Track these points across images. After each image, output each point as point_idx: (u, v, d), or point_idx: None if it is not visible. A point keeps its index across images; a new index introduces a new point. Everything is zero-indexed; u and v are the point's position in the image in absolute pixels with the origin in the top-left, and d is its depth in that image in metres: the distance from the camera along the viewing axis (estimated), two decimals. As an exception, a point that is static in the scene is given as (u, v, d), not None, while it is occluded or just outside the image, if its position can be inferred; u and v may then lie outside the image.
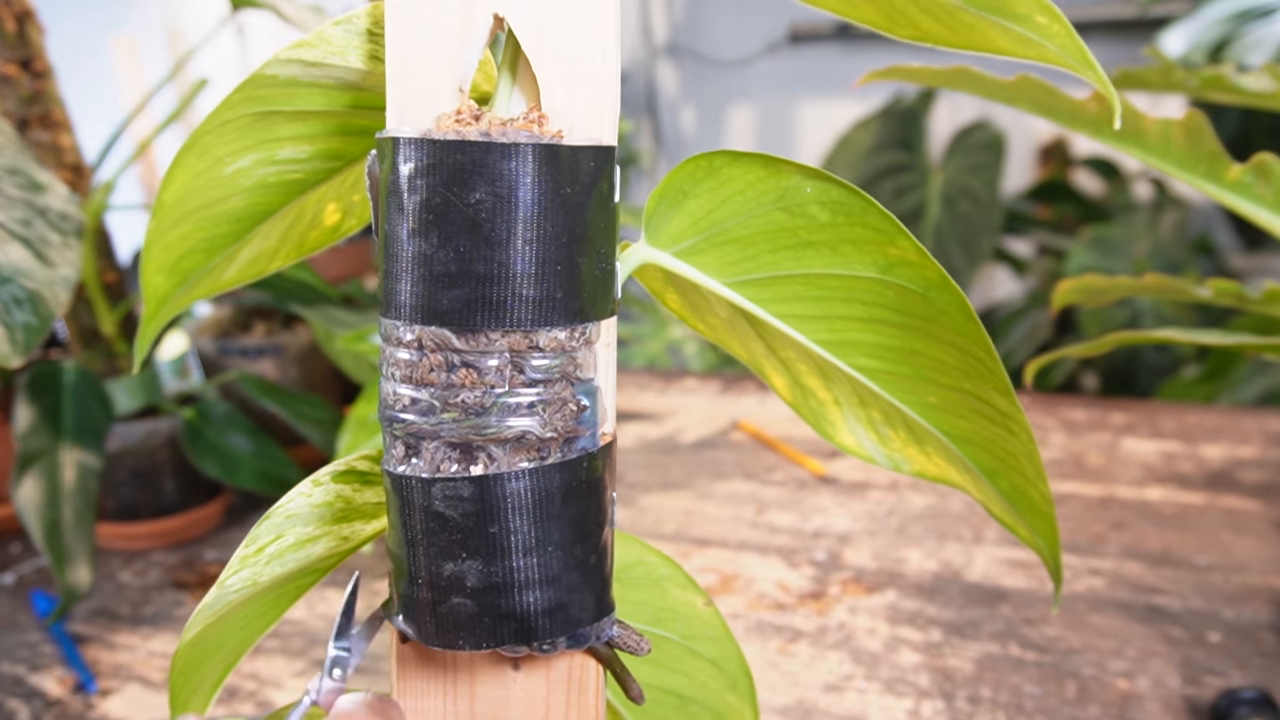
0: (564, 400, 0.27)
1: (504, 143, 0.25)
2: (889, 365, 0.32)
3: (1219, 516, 0.77)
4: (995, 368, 0.29)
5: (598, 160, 0.26)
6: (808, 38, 2.33)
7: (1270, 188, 0.54)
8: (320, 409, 0.81)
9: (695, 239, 0.31)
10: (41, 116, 0.70)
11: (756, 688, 0.58)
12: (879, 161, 1.77)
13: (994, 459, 0.33)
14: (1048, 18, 0.27)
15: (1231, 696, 0.52)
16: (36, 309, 0.50)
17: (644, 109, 2.55)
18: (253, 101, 0.32)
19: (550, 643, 0.28)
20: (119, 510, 0.77)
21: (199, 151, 0.33)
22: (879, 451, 0.35)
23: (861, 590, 0.68)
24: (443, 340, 0.26)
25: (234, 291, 0.87)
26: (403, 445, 0.27)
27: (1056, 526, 0.33)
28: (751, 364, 0.36)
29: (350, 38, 0.29)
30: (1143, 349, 1.62)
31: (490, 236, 0.25)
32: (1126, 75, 0.61)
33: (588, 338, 0.27)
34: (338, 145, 0.34)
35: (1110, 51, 2.06)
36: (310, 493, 0.31)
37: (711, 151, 0.29)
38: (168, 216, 0.35)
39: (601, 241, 0.27)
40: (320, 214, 0.37)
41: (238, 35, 1.72)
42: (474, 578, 0.27)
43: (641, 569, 0.35)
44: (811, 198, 0.29)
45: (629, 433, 1.00)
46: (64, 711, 0.58)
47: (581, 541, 0.28)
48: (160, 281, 0.38)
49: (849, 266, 0.30)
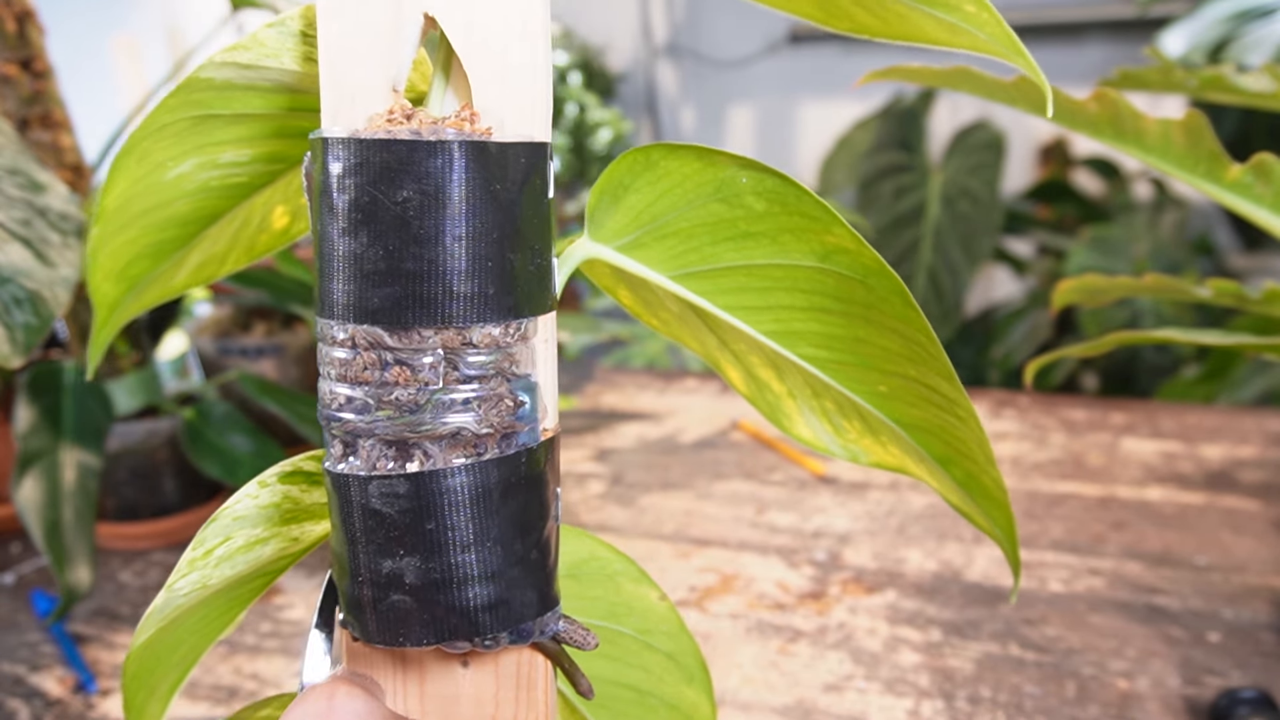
0: (500, 396, 0.27)
1: (430, 140, 0.25)
2: (836, 354, 0.32)
3: (1219, 516, 0.77)
4: (937, 353, 0.30)
5: (529, 157, 0.27)
6: (808, 38, 2.33)
7: (1270, 188, 0.54)
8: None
9: (637, 233, 0.31)
10: (41, 116, 0.70)
11: (757, 688, 0.58)
12: (879, 161, 1.77)
13: (946, 446, 0.33)
14: (976, 6, 0.27)
15: (1231, 696, 0.52)
16: (36, 309, 0.50)
17: (644, 109, 2.55)
18: (190, 105, 0.32)
19: (493, 638, 0.28)
20: (119, 510, 0.77)
21: (138, 156, 0.33)
22: (835, 443, 0.36)
23: (861, 590, 0.68)
24: (375, 338, 0.26)
25: (234, 291, 0.87)
26: (341, 444, 0.27)
27: (1012, 513, 0.33)
28: (707, 358, 0.36)
29: (284, 39, 0.30)
30: (1143, 349, 1.62)
31: (419, 234, 0.25)
32: (1126, 75, 0.61)
33: (523, 333, 0.27)
34: (278, 148, 0.34)
35: (1110, 51, 2.06)
36: (257, 494, 0.31)
37: (648, 145, 0.30)
38: (111, 222, 0.35)
39: (535, 238, 0.27)
40: (268, 217, 0.37)
41: (238, 35, 1.72)
42: (412, 574, 0.27)
43: (595, 564, 0.35)
44: (747, 188, 0.29)
45: (629, 433, 1.00)
46: (64, 711, 0.58)
47: (522, 537, 0.28)
48: (109, 288, 0.38)
49: (789, 256, 0.30)
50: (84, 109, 0.77)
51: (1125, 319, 1.52)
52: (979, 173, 1.71)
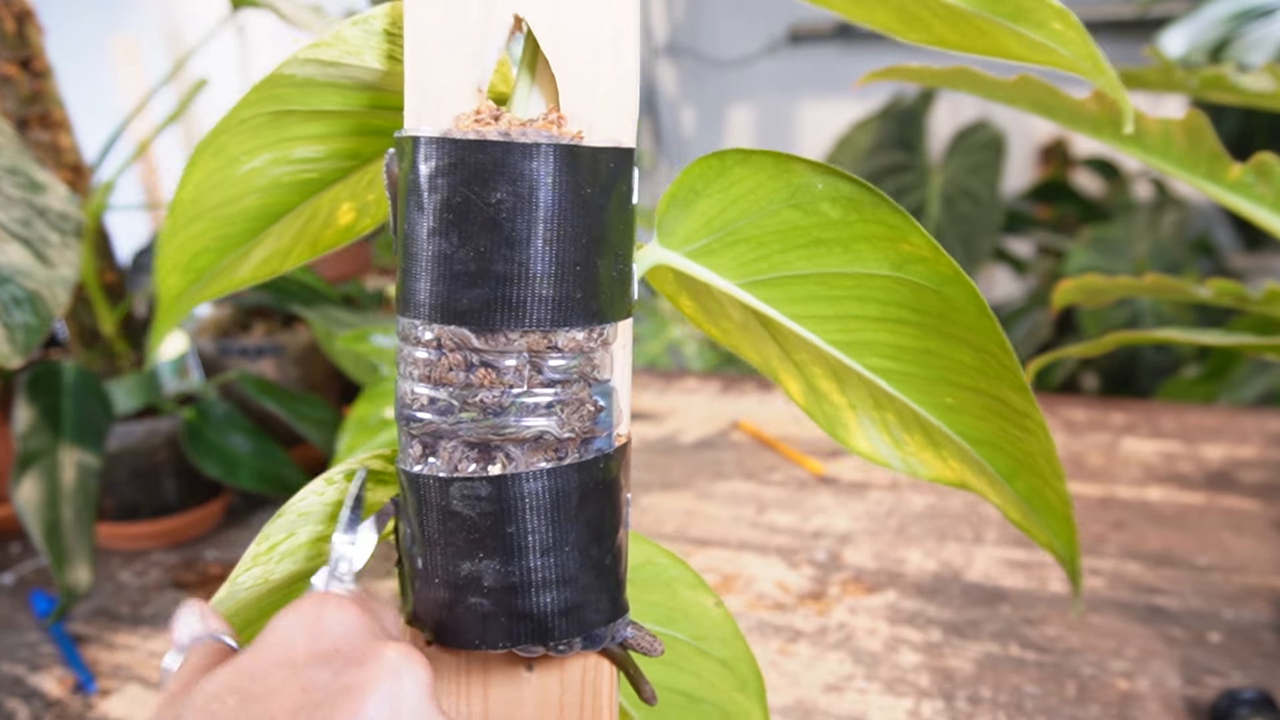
0: (581, 401, 0.27)
1: (525, 143, 0.25)
2: (904, 366, 0.32)
3: (1219, 516, 0.77)
4: (1011, 364, 0.29)
5: (617, 162, 0.26)
6: (808, 38, 2.33)
7: (1270, 188, 0.54)
8: (320, 409, 0.81)
9: (707, 239, 0.31)
10: (41, 116, 0.70)
11: (756, 688, 0.58)
12: (879, 161, 1.77)
13: (1011, 460, 0.33)
14: (1063, 24, 0.27)
15: (1231, 696, 0.52)
16: (36, 309, 0.50)
17: (644, 109, 2.54)
18: (270, 100, 0.32)
19: (566, 643, 0.28)
20: (119, 510, 0.77)
21: (215, 150, 0.33)
22: (894, 456, 0.35)
23: (861, 590, 0.68)
24: (462, 339, 0.26)
25: (234, 291, 0.87)
26: (420, 444, 0.27)
27: (1075, 527, 0.33)
28: (765, 369, 0.36)
29: (368, 38, 0.29)
30: (1143, 349, 1.61)
31: (510, 236, 0.25)
32: (1126, 75, 0.61)
33: (605, 339, 0.27)
34: (353, 145, 0.34)
35: (1110, 51, 2.05)
36: (323, 491, 0.31)
37: (722, 150, 0.29)
38: (183, 215, 0.35)
39: (619, 243, 0.27)
40: (334, 213, 0.37)
41: (238, 35, 1.71)
42: (490, 577, 0.27)
43: (652, 569, 0.35)
44: (822, 194, 0.29)
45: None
46: (64, 711, 0.58)
47: (597, 542, 0.28)
48: (174, 280, 0.38)
49: (862, 264, 0.30)
50: (84, 109, 0.77)
51: (1125, 319, 1.52)
52: (979, 173, 1.71)
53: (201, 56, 0.74)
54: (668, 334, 1.65)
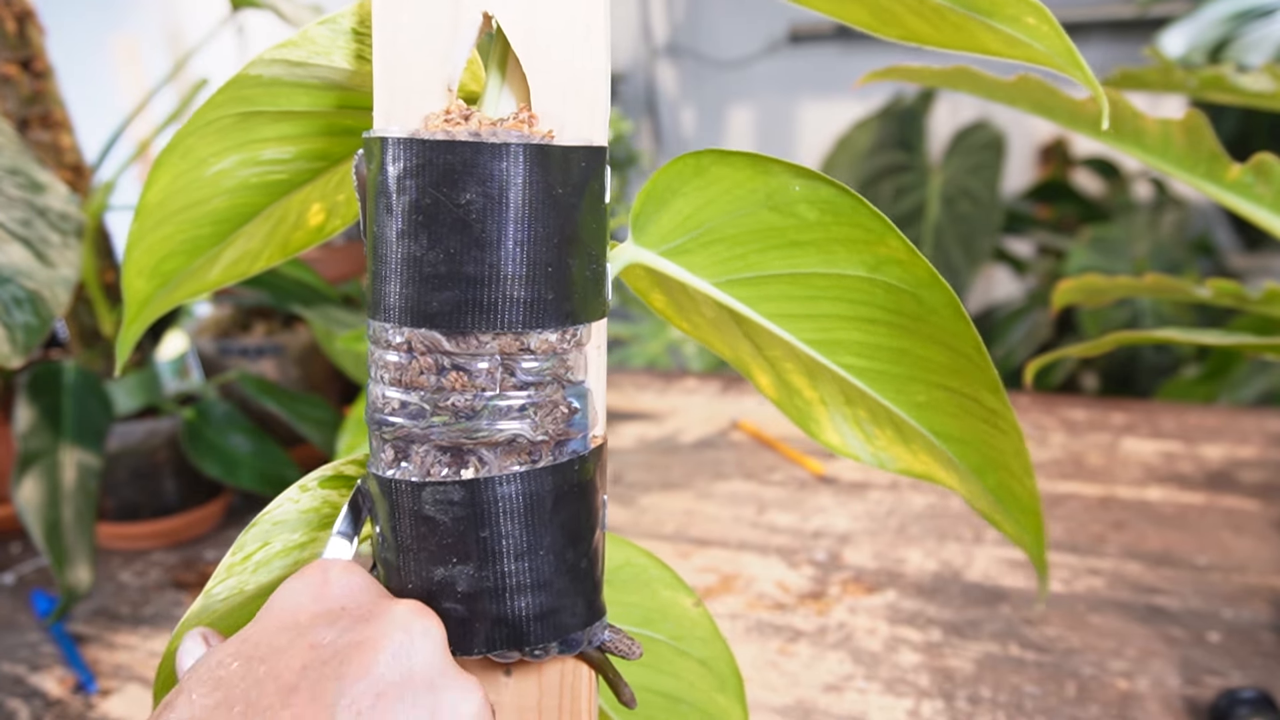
0: (555, 403, 0.27)
1: (495, 143, 0.25)
2: (878, 364, 0.32)
3: (1219, 516, 0.77)
4: (985, 365, 0.29)
5: (589, 161, 0.26)
6: (807, 38, 2.33)
7: (1270, 188, 0.54)
8: (320, 409, 0.81)
9: (683, 238, 0.31)
10: (41, 116, 0.70)
11: (756, 688, 0.58)
12: (879, 162, 1.77)
13: (981, 456, 0.33)
14: (1037, 19, 0.27)
15: (1231, 696, 0.52)
16: (36, 309, 0.50)
17: (644, 109, 2.54)
18: (236, 102, 0.31)
19: (542, 648, 0.28)
20: (119, 510, 0.77)
21: (182, 152, 0.33)
22: (864, 449, 0.36)
23: (861, 590, 0.68)
24: (433, 342, 0.25)
25: (234, 291, 0.87)
26: (391, 449, 0.27)
27: (1042, 522, 0.33)
28: (736, 363, 0.36)
29: (335, 37, 0.29)
30: (1143, 349, 1.61)
31: (481, 238, 0.25)
32: (1126, 75, 0.61)
33: (579, 340, 0.27)
34: (322, 145, 0.34)
35: (1110, 51, 2.06)
36: (298, 498, 0.31)
37: (699, 150, 0.29)
38: (150, 218, 0.35)
39: (592, 243, 0.27)
40: (304, 215, 0.37)
41: (238, 35, 1.71)
42: (465, 583, 0.26)
43: (630, 570, 0.35)
44: (800, 196, 0.29)
45: (629, 433, 1.00)
46: (64, 711, 0.58)
47: (573, 545, 0.28)
48: (141, 284, 0.37)
49: (838, 265, 0.30)
50: (84, 109, 0.77)
51: (1125, 319, 1.52)
52: (979, 173, 1.71)
53: (202, 56, 0.74)
54: (667, 334, 1.65)
